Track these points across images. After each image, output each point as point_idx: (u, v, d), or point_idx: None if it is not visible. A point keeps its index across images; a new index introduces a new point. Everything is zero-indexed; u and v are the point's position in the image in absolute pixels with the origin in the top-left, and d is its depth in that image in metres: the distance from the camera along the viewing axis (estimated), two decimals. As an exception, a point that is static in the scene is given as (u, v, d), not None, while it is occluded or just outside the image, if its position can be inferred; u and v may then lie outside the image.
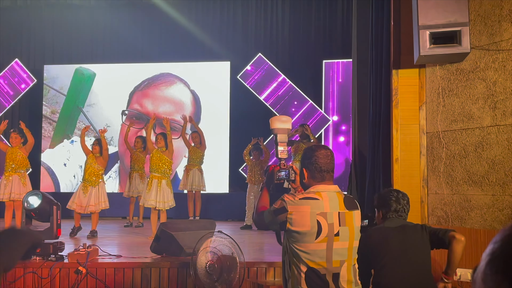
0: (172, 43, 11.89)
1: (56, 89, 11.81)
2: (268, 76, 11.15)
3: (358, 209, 3.00)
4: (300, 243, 2.87)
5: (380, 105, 6.03)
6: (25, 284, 5.22)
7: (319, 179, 2.98)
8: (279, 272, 5.21)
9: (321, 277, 2.86)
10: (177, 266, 5.21)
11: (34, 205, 5.56)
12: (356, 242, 2.96)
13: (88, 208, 7.55)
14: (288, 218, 2.88)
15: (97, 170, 7.66)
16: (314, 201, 2.89)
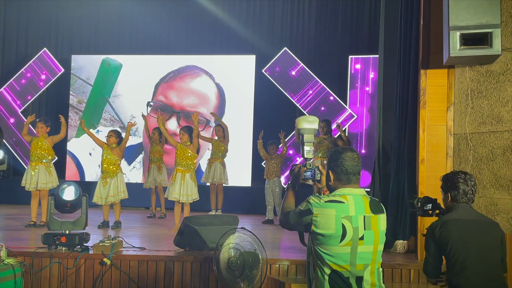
0: (198, 36, 11.94)
1: (83, 79, 11.94)
2: (293, 70, 11.11)
3: (383, 212, 2.99)
4: (325, 246, 2.88)
5: (407, 105, 5.97)
6: (50, 274, 5.32)
7: (345, 181, 2.97)
8: (301, 270, 5.23)
9: (345, 280, 2.87)
10: (200, 260, 5.26)
11: (71, 197, 5.66)
12: (381, 246, 2.95)
13: (108, 199, 7.65)
14: (313, 220, 2.89)
15: (113, 160, 7.74)
16: (340, 204, 2.89)
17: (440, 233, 3.44)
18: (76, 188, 5.76)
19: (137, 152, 11.63)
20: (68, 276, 5.29)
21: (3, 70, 12.41)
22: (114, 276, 5.27)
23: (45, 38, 12.38)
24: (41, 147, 7.61)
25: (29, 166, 7.67)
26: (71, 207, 5.77)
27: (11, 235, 6.80)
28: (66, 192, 5.73)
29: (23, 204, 9.36)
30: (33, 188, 7.54)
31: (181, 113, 11.48)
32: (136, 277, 5.27)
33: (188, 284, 5.24)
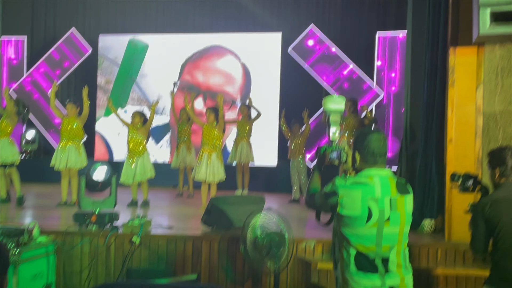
0: (223, 13, 11.88)
1: (111, 59, 12.04)
2: (320, 48, 11.01)
3: (410, 193, 2.99)
4: (350, 227, 2.89)
5: (435, 83, 5.88)
6: (82, 252, 5.45)
7: (371, 162, 2.97)
8: (327, 249, 5.25)
9: (370, 261, 2.89)
10: (227, 239, 5.32)
11: (103, 177, 5.76)
12: (407, 227, 2.95)
13: (135, 178, 7.75)
14: (339, 202, 2.90)
15: (139, 140, 7.83)
16: (366, 186, 2.89)
17: (490, 212, 3.33)
18: (108, 168, 5.85)
19: (164, 132, 11.73)
20: (98, 254, 5.41)
21: (32, 51, 12.57)
22: (143, 255, 5.38)
23: (73, 18, 12.46)
24: (71, 128, 7.73)
25: (59, 146, 7.79)
26: (102, 187, 5.88)
27: (43, 214, 6.98)
28: (98, 171, 5.83)
29: (54, 183, 9.56)
30: (63, 167, 7.67)
31: (207, 92, 11.52)
32: (165, 256, 5.37)
33: (216, 263, 5.32)
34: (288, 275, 5.16)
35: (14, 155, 7.80)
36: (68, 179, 7.76)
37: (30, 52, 12.55)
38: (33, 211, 7.41)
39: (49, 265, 5.22)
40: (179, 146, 9.34)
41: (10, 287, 4.69)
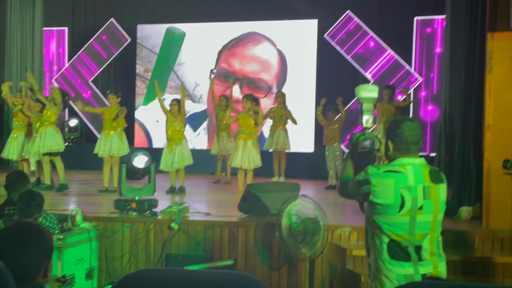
0: (259, 1, 11.86)
1: (149, 48, 12.23)
2: (356, 34, 10.91)
3: (444, 182, 2.98)
4: (383, 215, 2.92)
5: (473, 69, 5.80)
6: (123, 237, 5.63)
7: (405, 151, 2.96)
8: (362, 236, 5.26)
9: (403, 249, 2.90)
10: (263, 226, 5.41)
11: (143, 165, 5.93)
12: (441, 215, 2.96)
13: (173, 165, 7.90)
14: (372, 190, 2.92)
15: (177, 128, 7.96)
16: (399, 174, 2.90)
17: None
18: (146, 155, 6.01)
19: (202, 119, 11.87)
20: (139, 240, 5.58)
21: (73, 41, 12.86)
22: (181, 240, 5.52)
23: (112, 9, 12.68)
24: (113, 117, 7.91)
25: (102, 134, 7.99)
26: (142, 174, 6.04)
27: (85, 200, 7.21)
28: (139, 159, 5.99)
29: (95, 170, 9.84)
30: (106, 154, 7.88)
31: (243, 79, 11.58)
32: (202, 242, 5.50)
33: (252, 249, 5.42)
34: (323, 261, 5.22)
35: (59, 144, 8.04)
36: (110, 166, 7.96)
37: (71, 42, 12.84)
38: (75, 198, 7.65)
39: (91, 250, 5.42)
40: (219, 133, 9.38)
41: (55, 271, 4.89)
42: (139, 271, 1.67)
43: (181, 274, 1.67)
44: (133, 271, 1.70)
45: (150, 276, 1.64)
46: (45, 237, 2.22)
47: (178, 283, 1.56)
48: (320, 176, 9.84)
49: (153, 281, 1.59)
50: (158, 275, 1.65)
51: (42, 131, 7.94)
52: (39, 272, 2.17)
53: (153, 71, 12.17)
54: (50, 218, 4.85)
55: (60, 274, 4.89)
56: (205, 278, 1.58)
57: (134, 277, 1.64)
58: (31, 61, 11.14)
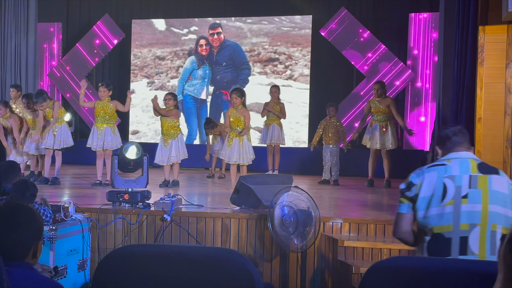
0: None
1: (143, 44, 12.24)
2: (351, 30, 10.92)
3: (498, 174, 2.90)
4: (427, 210, 2.87)
5: (465, 62, 5.83)
6: (115, 229, 5.64)
7: (450, 146, 2.97)
8: (354, 228, 5.32)
9: (446, 242, 2.82)
10: (255, 218, 5.43)
11: (133, 156, 5.95)
12: (495, 207, 2.82)
13: (169, 159, 7.91)
14: (417, 188, 2.89)
15: (172, 123, 7.96)
16: (441, 166, 2.90)
17: None
18: (138, 147, 6.03)
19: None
20: (131, 231, 5.59)
21: (68, 37, 12.85)
22: (174, 232, 5.53)
23: (107, 4, 12.67)
24: (105, 110, 7.90)
25: (95, 127, 8.00)
26: (134, 166, 6.06)
27: (78, 193, 7.22)
28: (129, 151, 6.02)
29: (89, 165, 9.85)
30: (99, 148, 7.89)
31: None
32: (195, 233, 5.51)
33: (244, 240, 5.44)
34: (315, 252, 5.25)
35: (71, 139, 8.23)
36: (103, 159, 7.97)
37: (65, 38, 12.82)
38: (69, 190, 7.66)
39: (84, 241, 5.44)
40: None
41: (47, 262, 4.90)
42: (128, 246, 1.68)
43: (169, 249, 1.68)
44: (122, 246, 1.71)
45: (138, 250, 1.66)
46: (35, 217, 2.23)
47: (166, 257, 1.58)
48: (314, 172, 9.88)
49: (141, 254, 1.61)
50: (146, 249, 1.67)
51: (58, 127, 8.06)
52: (29, 252, 2.18)
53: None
54: (43, 210, 4.86)
55: (52, 265, 4.90)
56: (192, 252, 1.60)
57: (122, 251, 1.66)
58: (25, 56, 11.09)
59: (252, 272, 1.52)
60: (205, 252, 1.63)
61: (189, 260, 1.53)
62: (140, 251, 1.67)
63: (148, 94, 12.08)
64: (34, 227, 2.21)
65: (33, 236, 2.21)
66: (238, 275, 1.48)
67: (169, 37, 12.17)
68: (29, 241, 2.18)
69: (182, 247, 1.83)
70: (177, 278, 1.52)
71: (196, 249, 1.69)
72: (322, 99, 9.84)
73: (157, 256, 1.60)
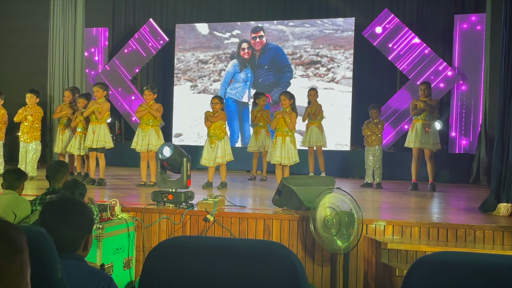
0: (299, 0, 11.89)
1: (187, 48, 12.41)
2: (394, 32, 10.81)
3: None
4: None
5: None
6: (159, 228, 5.74)
7: None
8: (397, 230, 5.25)
9: None
10: (297, 219, 5.43)
11: (167, 155, 6.05)
12: None
13: (215, 160, 7.98)
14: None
15: (219, 124, 8.02)
16: None
17: None
18: (171, 147, 6.11)
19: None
20: (175, 231, 5.68)
21: (114, 42, 13.15)
22: (216, 232, 5.58)
23: (151, 9, 12.93)
24: (149, 113, 8.04)
25: (139, 129, 8.13)
26: (169, 165, 6.13)
27: (123, 193, 7.36)
28: (163, 151, 6.12)
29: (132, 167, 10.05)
30: (144, 149, 8.02)
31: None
32: (237, 234, 5.55)
33: (286, 241, 5.45)
34: (358, 254, 5.21)
35: (110, 140, 8.38)
36: (147, 161, 8.11)
37: (111, 43, 13.13)
38: (114, 191, 7.82)
39: (129, 240, 5.55)
40: (258, 131, 9.39)
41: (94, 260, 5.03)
42: (173, 238, 1.73)
43: (214, 240, 1.72)
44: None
45: (184, 241, 1.69)
46: (86, 211, 2.32)
47: (212, 248, 1.61)
48: (356, 175, 9.82)
49: (188, 245, 1.65)
50: (193, 241, 1.71)
51: (96, 127, 8.20)
52: (80, 244, 2.27)
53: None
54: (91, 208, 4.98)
55: (99, 263, 5.02)
56: (237, 243, 1.62)
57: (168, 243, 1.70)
58: (73, 61, 11.41)
59: (296, 264, 1.54)
60: (250, 244, 1.66)
61: (235, 251, 1.56)
62: (187, 242, 1.70)
63: (191, 97, 12.26)
64: (86, 220, 2.29)
65: (85, 229, 2.29)
66: (283, 267, 1.49)
67: (211, 41, 12.31)
68: (81, 233, 2.26)
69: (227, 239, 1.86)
70: (223, 269, 1.55)
71: (241, 241, 1.72)
72: (365, 102, 9.75)
73: (203, 247, 1.63)
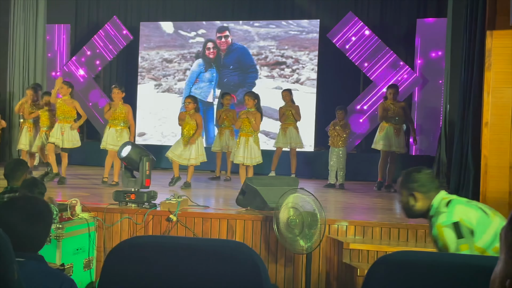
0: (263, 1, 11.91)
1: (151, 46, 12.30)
2: (358, 34, 10.93)
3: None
4: None
5: (473, 67, 5.85)
6: (121, 228, 5.67)
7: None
8: (360, 230, 5.32)
9: None
10: (261, 219, 5.44)
11: (123, 155, 6.00)
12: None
13: (190, 161, 7.90)
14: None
15: (194, 126, 7.95)
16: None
17: None
18: (128, 146, 6.05)
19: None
20: (137, 231, 5.62)
21: (76, 39, 12.92)
22: (179, 232, 5.55)
23: (115, 6, 12.74)
24: (120, 113, 7.88)
25: (111, 129, 7.90)
26: (129, 164, 6.08)
27: (86, 192, 7.24)
28: (122, 150, 6.07)
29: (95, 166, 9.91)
30: (111, 148, 7.85)
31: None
32: (200, 234, 5.53)
33: (249, 241, 5.45)
34: (320, 254, 5.25)
35: (78, 140, 8.21)
36: (113, 159, 7.97)
37: (74, 39, 12.89)
38: (75, 190, 7.68)
39: (90, 241, 5.47)
40: (222, 131, 9.33)
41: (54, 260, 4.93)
42: (135, 237, 1.70)
43: (177, 240, 1.70)
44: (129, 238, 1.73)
45: (145, 241, 1.67)
46: (50, 211, 2.28)
47: (174, 247, 1.59)
48: (320, 176, 9.87)
49: (148, 246, 1.63)
50: (153, 241, 1.69)
51: (64, 126, 8.01)
52: (42, 245, 2.22)
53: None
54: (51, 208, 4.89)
55: (58, 263, 4.93)
56: (200, 243, 1.61)
57: (128, 243, 1.68)
58: (34, 58, 11.16)
59: (259, 264, 1.54)
60: (213, 243, 1.65)
61: (197, 251, 1.55)
62: (148, 242, 1.68)
63: (155, 96, 12.15)
64: (49, 221, 2.25)
65: (47, 230, 2.24)
66: (245, 267, 1.49)
67: (176, 40, 12.22)
68: (44, 234, 2.21)
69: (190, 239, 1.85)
70: (185, 269, 1.54)
71: (204, 241, 1.71)
72: (329, 103, 9.83)
73: (165, 247, 1.61)
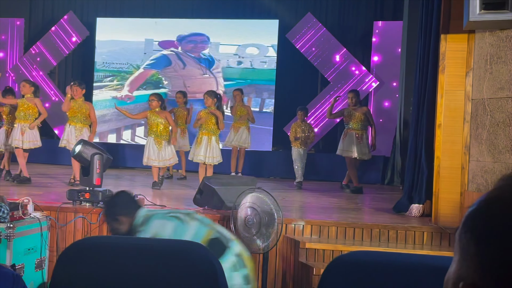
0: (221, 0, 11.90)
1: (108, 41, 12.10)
2: (316, 35, 11.05)
3: None
4: None
5: (427, 70, 5.97)
6: (75, 228, 5.54)
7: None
8: (316, 230, 5.36)
9: None
10: (218, 219, 5.41)
11: (75, 151, 5.90)
12: None
13: (165, 162, 7.83)
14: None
15: (165, 123, 7.85)
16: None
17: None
18: (79, 144, 5.95)
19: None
20: (91, 231, 5.50)
21: (30, 33, 12.60)
22: (135, 232, 5.46)
23: (71, 1, 12.48)
24: (81, 110, 7.69)
25: (71, 127, 7.67)
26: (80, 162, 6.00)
27: (39, 191, 7.07)
28: (75, 148, 5.98)
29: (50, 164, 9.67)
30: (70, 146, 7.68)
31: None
32: (157, 233, 5.46)
33: (206, 241, 5.42)
34: (277, 254, 5.27)
35: (39, 140, 7.99)
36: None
37: (27, 34, 12.57)
38: (29, 188, 7.49)
39: (42, 240, 5.33)
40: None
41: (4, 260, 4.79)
42: (87, 238, 1.67)
43: (130, 240, 1.67)
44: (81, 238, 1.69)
45: (99, 241, 1.64)
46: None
47: (127, 248, 1.57)
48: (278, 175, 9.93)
49: (102, 246, 1.59)
50: (107, 241, 1.65)
51: (24, 126, 7.79)
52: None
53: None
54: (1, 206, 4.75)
55: (9, 263, 4.79)
56: (154, 244, 1.59)
57: (82, 243, 1.64)
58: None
59: (215, 264, 1.52)
60: (169, 244, 1.62)
61: (152, 252, 1.52)
62: (102, 242, 1.65)
63: (111, 93, 11.97)
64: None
65: None
66: (201, 267, 1.48)
67: (133, 37, 12.06)
68: None
69: (145, 239, 1.82)
70: (140, 270, 1.51)
71: (159, 241, 1.68)
72: (287, 104, 9.88)
73: (119, 247, 1.58)
